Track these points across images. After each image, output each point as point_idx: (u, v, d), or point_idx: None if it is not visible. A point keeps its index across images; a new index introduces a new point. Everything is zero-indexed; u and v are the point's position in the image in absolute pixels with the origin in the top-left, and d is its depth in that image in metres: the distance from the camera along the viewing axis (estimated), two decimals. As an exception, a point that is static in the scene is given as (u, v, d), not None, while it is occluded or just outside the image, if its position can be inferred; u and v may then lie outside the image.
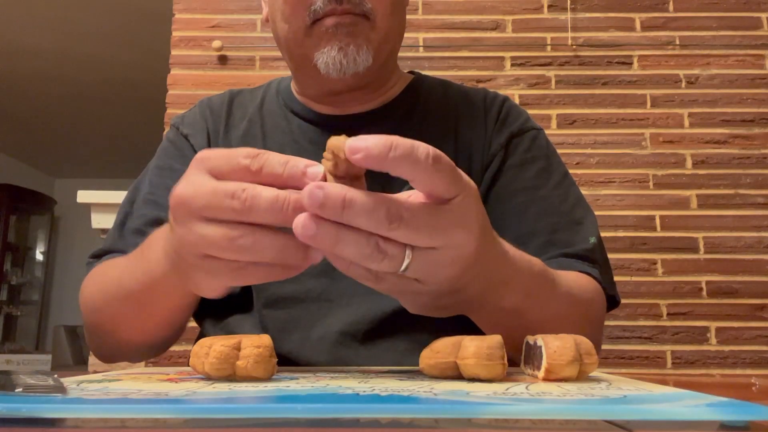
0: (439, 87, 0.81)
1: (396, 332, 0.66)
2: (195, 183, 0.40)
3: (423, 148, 0.36)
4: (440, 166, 0.37)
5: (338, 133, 0.37)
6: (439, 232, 0.38)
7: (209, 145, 0.77)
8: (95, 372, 0.58)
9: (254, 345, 0.40)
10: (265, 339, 0.41)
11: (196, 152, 0.74)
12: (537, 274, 0.54)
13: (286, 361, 0.67)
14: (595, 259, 0.68)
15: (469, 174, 0.42)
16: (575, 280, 0.62)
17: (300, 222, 0.36)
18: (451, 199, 0.39)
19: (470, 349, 0.39)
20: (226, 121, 0.79)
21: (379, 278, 0.41)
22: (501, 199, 0.72)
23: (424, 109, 0.77)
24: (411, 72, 0.84)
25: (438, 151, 0.37)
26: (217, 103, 0.81)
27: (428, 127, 0.76)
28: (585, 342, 0.41)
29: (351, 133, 0.34)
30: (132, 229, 0.72)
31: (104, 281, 0.65)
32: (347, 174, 0.37)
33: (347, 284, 0.66)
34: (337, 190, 0.35)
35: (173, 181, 0.43)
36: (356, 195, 0.35)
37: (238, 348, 0.40)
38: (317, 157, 0.38)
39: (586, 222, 0.71)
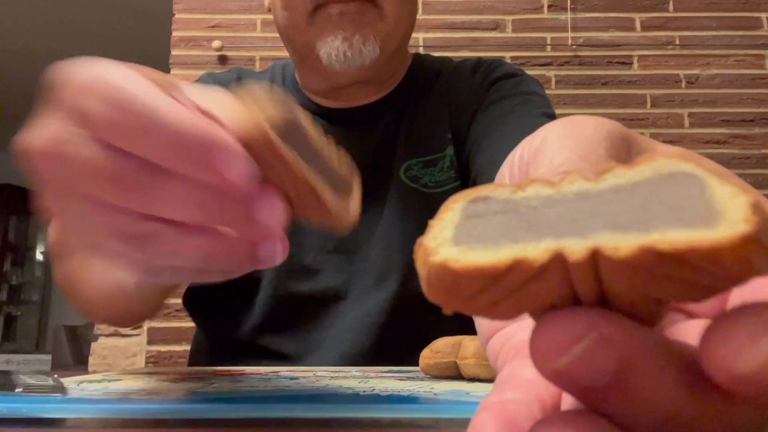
0: (436, 65, 0.76)
1: (405, 324, 0.64)
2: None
3: None
4: None
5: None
6: None
7: None
8: (95, 372, 0.58)
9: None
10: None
11: None
12: None
13: (296, 362, 0.64)
14: None
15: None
16: None
17: None
18: None
19: (470, 349, 0.39)
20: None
21: None
22: (475, 132, 0.67)
23: (418, 96, 0.73)
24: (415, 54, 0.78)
25: None
26: (224, 77, 0.75)
27: (423, 113, 0.72)
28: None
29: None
30: None
31: None
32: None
33: (365, 282, 0.65)
34: None
35: None
36: None
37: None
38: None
39: None
